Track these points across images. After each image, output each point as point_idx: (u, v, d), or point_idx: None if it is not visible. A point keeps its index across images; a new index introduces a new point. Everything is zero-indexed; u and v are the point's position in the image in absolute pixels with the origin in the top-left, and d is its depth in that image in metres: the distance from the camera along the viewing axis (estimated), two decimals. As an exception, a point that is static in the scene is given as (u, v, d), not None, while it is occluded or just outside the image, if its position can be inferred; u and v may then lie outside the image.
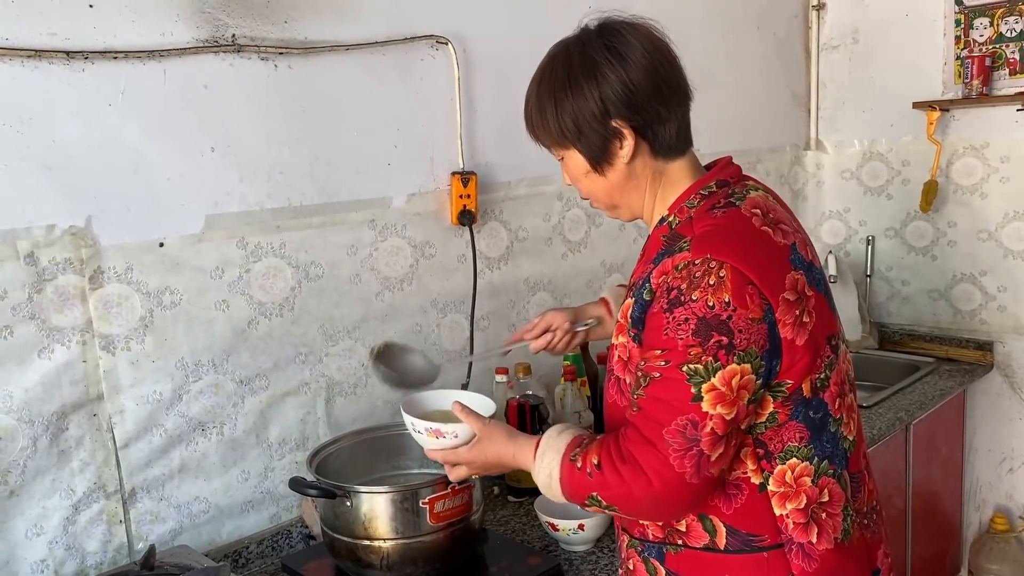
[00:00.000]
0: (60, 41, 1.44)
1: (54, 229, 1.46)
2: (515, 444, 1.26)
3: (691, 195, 1.22)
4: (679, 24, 2.55)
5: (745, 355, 1.09)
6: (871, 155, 3.02)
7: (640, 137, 1.20)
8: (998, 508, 2.92)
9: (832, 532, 1.19)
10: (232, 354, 1.69)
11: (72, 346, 1.49)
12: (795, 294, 1.13)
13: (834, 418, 1.20)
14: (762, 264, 1.12)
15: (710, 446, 1.09)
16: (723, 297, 1.08)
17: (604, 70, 1.17)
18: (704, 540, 1.19)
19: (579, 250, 2.37)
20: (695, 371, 1.08)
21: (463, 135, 2.02)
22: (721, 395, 1.08)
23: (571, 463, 1.17)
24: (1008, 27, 2.66)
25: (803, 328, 1.13)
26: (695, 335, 1.09)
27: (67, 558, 1.52)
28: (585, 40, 1.20)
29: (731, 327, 1.08)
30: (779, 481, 1.17)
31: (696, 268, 1.10)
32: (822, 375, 1.17)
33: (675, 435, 1.09)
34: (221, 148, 1.65)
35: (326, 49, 1.78)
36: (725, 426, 1.09)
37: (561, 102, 1.20)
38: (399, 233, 1.95)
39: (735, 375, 1.08)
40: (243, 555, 1.70)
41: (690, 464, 1.09)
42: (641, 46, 1.18)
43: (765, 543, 1.17)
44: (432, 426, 1.30)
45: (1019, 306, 2.77)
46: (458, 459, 1.30)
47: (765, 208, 1.20)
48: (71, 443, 1.51)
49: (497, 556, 1.63)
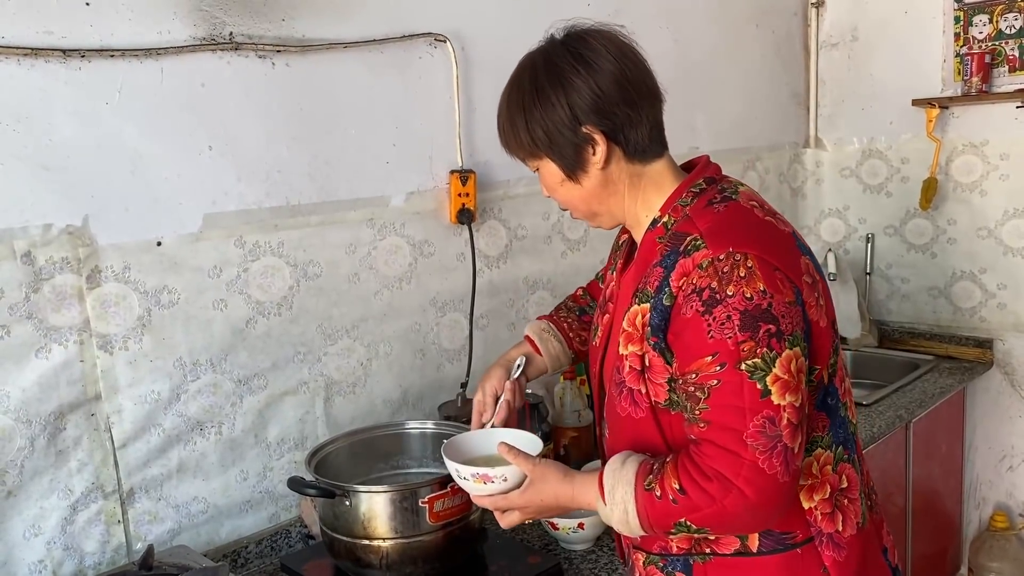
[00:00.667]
0: (57, 39, 1.44)
1: (51, 228, 1.46)
2: (573, 484, 1.19)
3: (682, 194, 1.21)
4: (678, 23, 2.58)
5: (793, 338, 1.08)
6: (870, 153, 3.02)
7: (612, 142, 1.19)
8: (998, 506, 2.91)
9: (855, 517, 1.19)
10: (230, 353, 1.69)
11: (70, 346, 1.49)
12: (811, 277, 1.15)
13: (842, 403, 1.22)
14: (780, 250, 1.12)
15: (791, 438, 1.06)
16: (758, 286, 1.07)
17: (570, 77, 1.16)
18: (735, 545, 1.17)
19: (578, 248, 2.36)
20: (755, 366, 1.06)
21: (462, 133, 2.02)
22: (785, 383, 1.06)
23: (648, 493, 1.11)
24: (1007, 24, 2.66)
25: (821, 311, 1.15)
26: (743, 330, 1.06)
27: (65, 558, 1.52)
28: (551, 49, 1.20)
29: (774, 314, 1.07)
30: (807, 474, 1.16)
31: (722, 264, 1.09)
32: (832, 360, 1.19)
33: (756, 436, 1.05)
34: (219, 147, 1.64)
35: (324, 47, 1.77)
36: (797, 414, 1.07)
37: (530, 112, 1.19)
38: (398, 232, 1.94)
39: (791, 360, 1.07)
40: (242, 555, 1.69)
41: (779, 462, 1.05)
42: (607, 51, 1.18)
43: (797, 539, 1.17)
44: (479, 471, 1.21)
45: (1019, 303, 2.77)
46: (510, 504, 1.23)
47: (759, 200, 1.22)
48: (69, 443, 1.50)
49: (497, 555, 1.63)
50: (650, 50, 2.68)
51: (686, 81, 2.62)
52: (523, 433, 1.36)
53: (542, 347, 1.53)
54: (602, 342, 1.31)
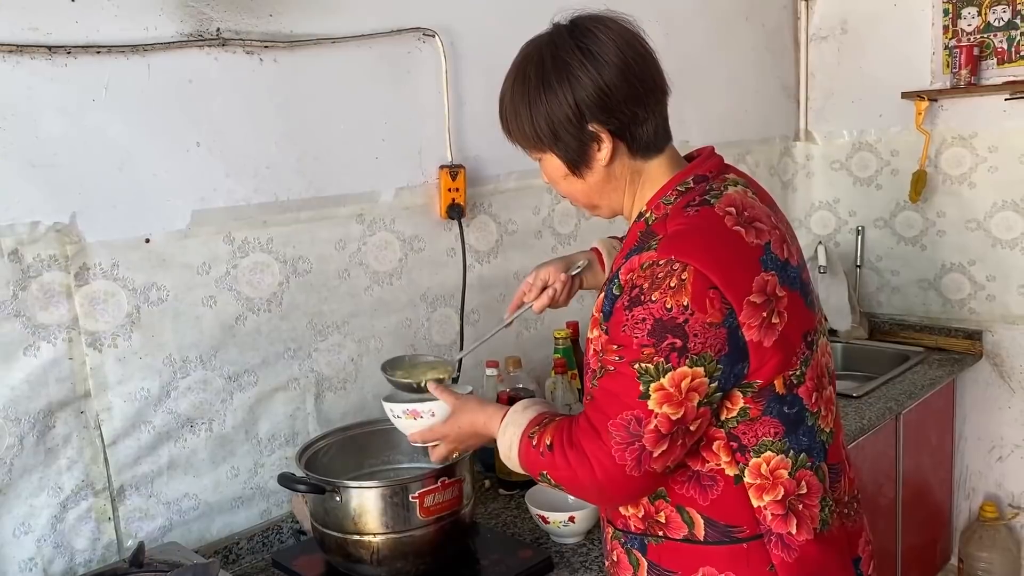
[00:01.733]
0: (42, 36, 1.43)
1: (38, 226, 1.45)
2: (485, 412, 1.31)
3: (668, 191, 1.21)
4: (668, 16, 2.58)
5: (699, 359, 1.09)
6: (860, 146, 3.03)
7: (618, 139, 1.19)
8: (988, 496, 2.93)
9: (811, 523, 1.20)
10: (220, 350, 1.68)
11: (58, 343, 1.49)
12: (763, 296, 1.12)
13: (811, 412, 1.20)
14: (728, 266, 1.11)
15: (652, 443, 1.11)
16: (682, 300, 1.08)
17: (577, 72, 1.15)
18: (683, 532, 1.21)
19: (569, 243, 2.37)
20: (645, 370, 1.10)
21: (451, 128, 2.02)
22: (668, 395, 1.10)
23: (528, 439, 1.21)
24: (996, 16, 2.67)
25: (771, 329, 1.13)
26: (649, 335, 1.10)
27: (55, 556, 1.51)
28: (557, 41, 1.18)
29: (686, 331, 1.09)
30: (755, 473, 1.18)
31: (659, 268, 1.10)
32: (797, 372, 1.17)
33: (619, 428, 1.12)
34: (207, 143, 1.64)
35: (312, 42, 1.76)
36: (670, 425, 1.10)
37: (535, 106, 1.18)
38: (388, 227, 1.94)
39: (685, 377, 1.09)
40: (233, 551, 1.69)
41: (631, 457, 1.11)
42: (614, 44, 1.16)
43: (744, 534, 1.19)
44: (409, 407, 1.33)
45: (1008, 295, 2.79)
46: (436, 436, 1.35)
47: (741, 206, 1.18)
48: (58, 441, 1.50)
49: (488, 549, 1.63)
50: (639, 44, 2.65)
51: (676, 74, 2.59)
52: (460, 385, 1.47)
53: (608, 259, 1.52)
54: None
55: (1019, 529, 2.88)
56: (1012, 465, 2.89)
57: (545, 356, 2.26)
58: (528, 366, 2.20)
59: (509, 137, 1.27)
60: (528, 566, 1.56)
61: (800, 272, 1.21)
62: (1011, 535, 2.85)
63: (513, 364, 2.02)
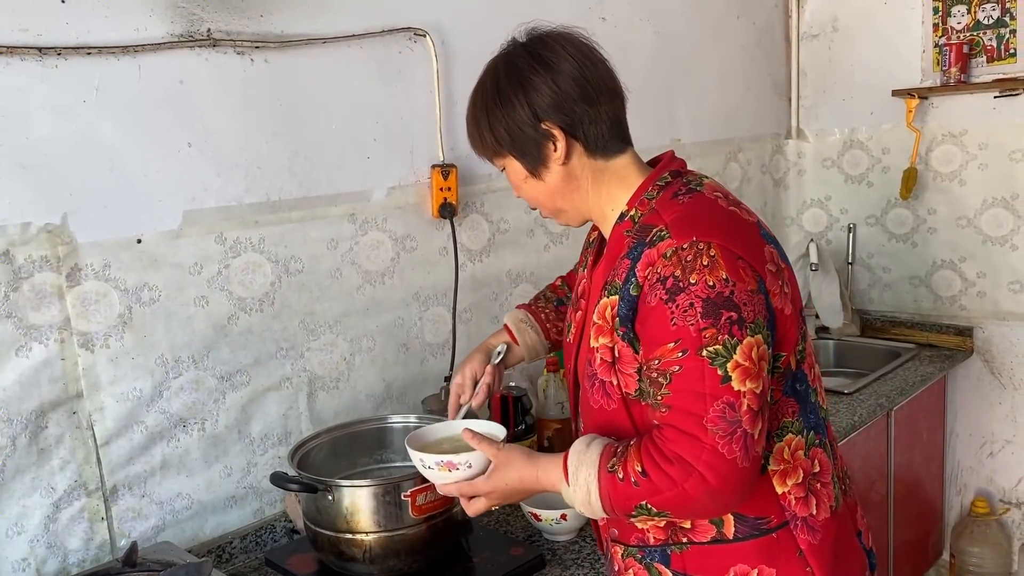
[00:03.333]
0: (32, 37, 1.43)
1: (30, 227, 1.45)
2: (538, 466, 1.20)
3: (648, 187, 1.23)
4: (660, 15, 2.58)
5: (755, 326, 1.09)
6: (851, 143, 3.04)
7: (571, 137, 1.21)
8: (979, 491, 2.95)
9: (828, 501, 1.21)
10: (212, 350, 1.69)
11: (50, 344, 1.49)
12: (775, 265, 1.16)
13: (812, 388, 1.23)
14: (743, 239, 1.14)
15: (751, 424, 1.07)
16: (720, 275, 1.08)
17: (530, 76, 1.19)
18: (711, 533, 1.19)
19: (561, 241, 2.37)
20: (716, 352, 1.07)
21: (443, 127, 2.02)
22: (746, 370, 1.07)
23: (611, 475, 1.12)
24: (985, 14, 2.68)
25: (786, 298, 1.16)
26: (704, 317, 1.07)
27: (48, 556, 1.52)
28: (512, 52, 1.24)
29: (736, 302, 1.08)
30: (778, 459, 1.18)
31: (686, 252, 1.10)
32: (800, 346, 1.20)
33: (716, 421, 1.06)
34: (198, 143, 1.64)
35: (303, 43, 1.77)
36: (758, 400, 1.08)
37: (492, 113, 1.22)
38: (380, 227, 1.95)
39: (752, 347, 1.08)
40: (226, 550, 1.70)
41: (738, 447, 1.06)
42: (566, 52, 1.21)
43: (772, 524, 1.18)
44: (443, 459, 1.22)
45: (998, 292, 2.80)
46: (476, 491, 1.24)
47: (723, 192, 1.23)
48: (51, 441, 1.50)
49: (480, 547, 1.64)
50: (631, 42, 2.70)
51: (667, 73, 2.63)
52: (486, 422, 1.37)
53: (519, 337, 1.56)
54: (575, 339, 1.32)
55: (1010, 524, 2.90)
56: (1003, 461, 2.90)
57: (538, 354, 2.27)
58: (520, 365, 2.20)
59: (475, 150, 1.30)
60: (520, 563, 1.57)
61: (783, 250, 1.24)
62: (1002, 530, 2.87)
63: (505, 362, 2.03)
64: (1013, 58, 2.65)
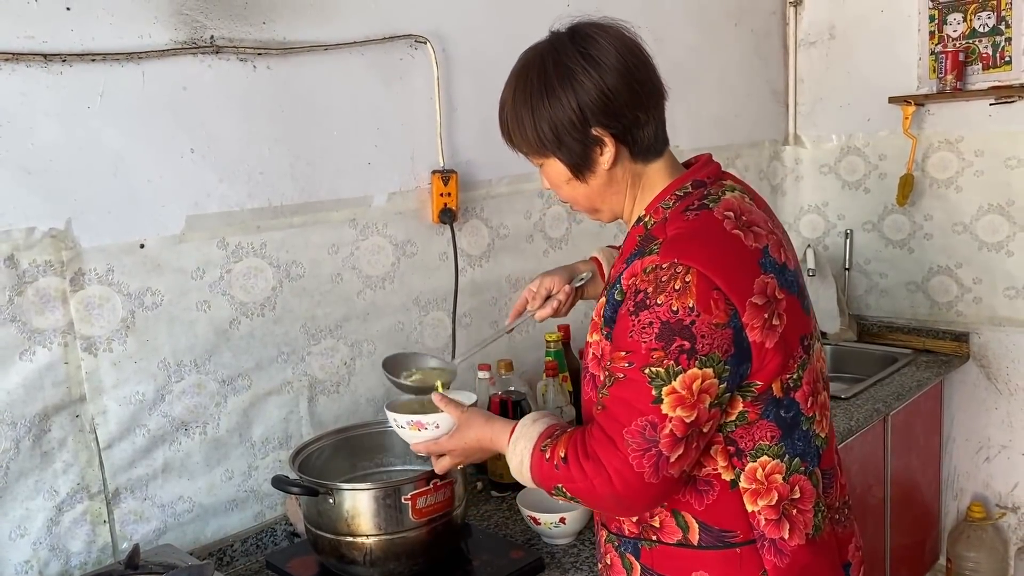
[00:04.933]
0: (38, 44, 1.45)
1: (34, 232, 1.47)
2: (492, 428, 1.29)
3: (667, 196, 1.23)
4: (658, 21, 2.60)
5: (707, 360, 1.09)
6: (848, 149, 3.06)
7: (620, 143, 1.20)
8: (975, 496, 2.96)
9: (804, 528, 1.21)
10: (214, 354, 1.70)
11: (54, 348, 1.50)
12: (764, 298, 1.13)
13: (806, 416, 1.22)
14: (730, 269, 1.12)
15: (669, 447, 1.10)
16: (687, 302, 1.09)
17: (580, 77, 1.16)
18: (677, 536, 1.21)
19: (560, 247, 2.39)
20: (656, 374, 1.10)
21: (443, 133, 2.04)
22: (681, 398, 1.09)
23: (540, 453, 1.19)
24: (981, 22, 2.70)
25: (773, 331, 1.14)
26: (658, 339, 1.10)
27: (51, 559, 1.53)
28: (558, 46, 1.19)
29: (693, 332, 1.09)
30: (750, 478, 1.19)
31: (663, 272, 1.11)
32: (794, 375, 1.19)
33: (635, 435, 1.10)
34: (201, 149, 1.65)
35: (305, 49, 1.78)
36: (684, 428, 1.10)
37: (538, 111, 1.19)
38: (380, 232, 1.96)
39: (696, 379, 1.09)
40: (227, 553, 1.71)
41: (648, 464, 1.10)
42: (615, 49, 1.18)
43: (737, 539, 1.20)
44: (413, 418, 1.33)
45: (994, 297, 2.82)
46: (441, 449, 1.34)
47: (739, 210, 1.19)
48: (54, 444, 1.51)
49: (480, 550, 1.65)
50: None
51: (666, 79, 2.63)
52: (461, 391, 1.45)
53: (607, 269, 1.53)
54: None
55: (1006, 529, 2.91)
56: (999, 466, 2.92)
57: (537, 359, 2.28)
58: (519, 369, 2.21)
59: (510, 144, 1.27)
60: (519, 567, 1.58)
61: (796, 276, 1.23)
62: (998, 535, 2.88)
63: (505, 367, 2.04)
64: (1008, 66, 2.68)
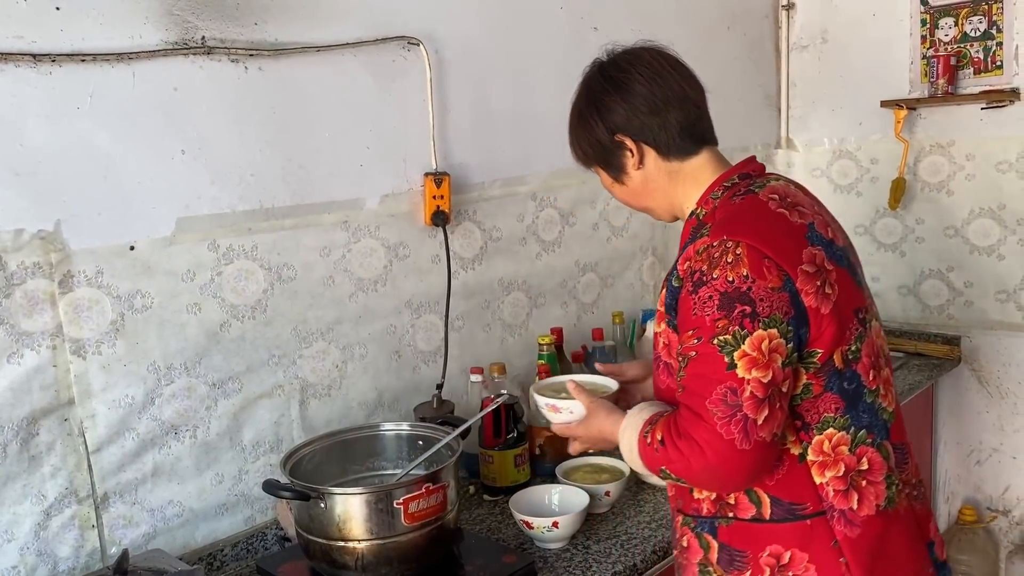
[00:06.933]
0: (27, 44, 1.44)
1: (22, 233, 1.45)
2: (610, 420, 1.37)
3: (716, 188, 1.35)
4: (650, 26, 2.60)
5: (770, 321, 1.17)
6: (840, 153, 3.06)
7: (644, 144, 1.36)
8: (967, 500, 2.97)
9: (875, 499, 1.26)
10: (204, 357, 1.69)
11: (42, 351, 1.49)
12: (814, 267, 1.22)
13: (869, 389, 1.28)
14: (777, 240, 1.22)
15: (753, 409, 1.15)
16: (741, 271, 1.18)
17: (604, 98, 1.36)
18: (751, 512, 1.28)
19: (553, 250, 2.38)
20: (725, 342, 1.17)
21: (436, 136, 2.03)
22: (753, 360, 1.16)
23: (643, 439, 1.27)
24: (972, 27, 2.71)
25: (827, 298, 1.22)
26: (719, 308, 1.18)
27: (39, 564, 1.51)
28: (590, 76, 1.41)
29: (752, 297, 1.17)
30: (817, 450, 1.25)
31: (715, 250, 1.21)
32: (853, 347, 1.25)
33: (718, 404, 1.17)
34: (192, 150, 1.64)
35: (297, 51, 1.77)
36: (764, 389, 1.16)
37: (577, 133, 1.42)
38: (372, 234, 1.95)
39: (763, 340, 1.17)
40: (218, 558, 1.70)
41: (737, 430, 1.15)
42: (636, 71, 1.35)
43: (808, 511, 1.25)
44: (550, 402, 1.46)
45: (985, 301, 2.82)
46: (572, 433, 1.44)
47: (783, 193, 1.31)
48: (42, 448, 1.50)
49: (472, 555, 1.64)
50: (622, 53, 2.65)
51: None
52: (599, 377, 1.56)
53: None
54: None
55: (997, 532, 2.92)
56: (990, 469, 2.92)
57: (529, 362, 2.27)
58: (512, 372, 2.21)
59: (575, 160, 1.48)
60: (512, 571, 1.57)
61: (847, 253, 1.32)
62: (990, 538, 2.89)
63: (497, 370, 2.03)
64: (999, 70, 2.68)
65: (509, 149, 2.24)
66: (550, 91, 2.28)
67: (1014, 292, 2.77)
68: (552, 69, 2.28)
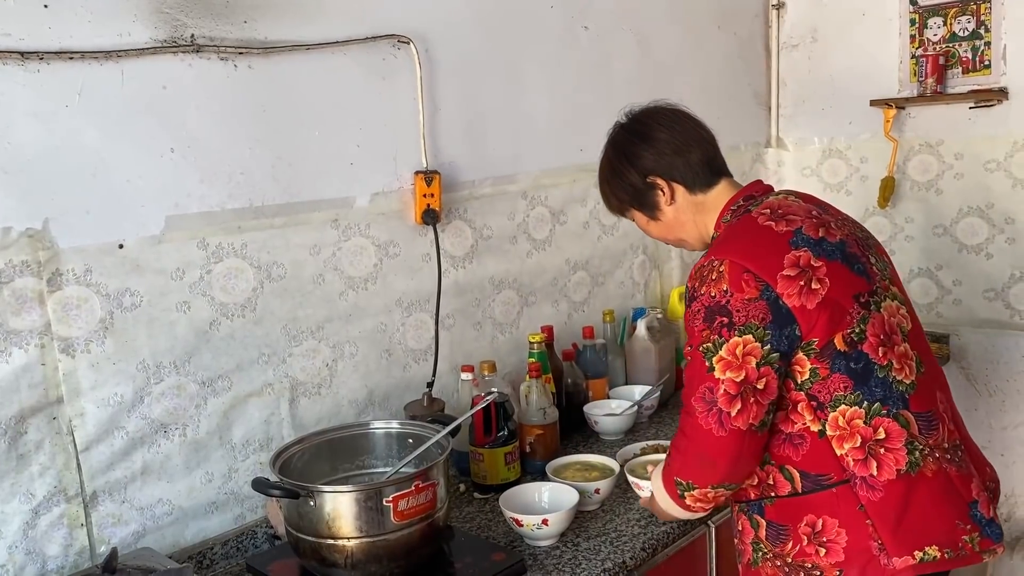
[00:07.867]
0: (14, 42, 1.43)
1: (10, 232, 1.45)
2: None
3: (726, 212, 1.54)
4: (641, 25, 2.61)
5: (745, 328, 1.35)
6: (830, 152, 3.08)
7: (672, 182, 1.55)
8: (955, 497, 2.97)
9: (894, 464, 1.37)
10: (194, 355, 1.69)
11: (30, 349, 1.48)
12: (797, 268, 1.37)
13: (880, 365, 1.39)
14: (758, 253, 1.39)
15: (726, 403, 1.35)
16: (722, 287, 1.37)
17: (634, 150, 1.57)
18: (787, 488, 1.43)
19: (544, 248, 2.39)
20: (707, 348, 1.37)
21: (426, 134, 2.03)
22: (728, 363, 1.35)
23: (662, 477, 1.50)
24: (961, 27, 2.72)
25: (813, 294, 1.36)
26: (704, 320, 1.39)
27: (27, 562, 1.51)
28: (615, 135, 1.62)
29: (729, 309, 1.36)
30: (834, 426, 1.39)
31: (705, 269, 1.41)
32: (855, 330, 1.38)
33: (699, 401, 1.38)
34: (181, 149, 1.64)
35: (287, 49, 1.77)
36: (736, 387, 1.35)
37: (612, 183, 1.62)
38: (363, 233, 1.95)
39: (737, 345, 1.35)
40: (207, 556, 1.69)
41: (714, 421, 1.36)
42: (657, 123, 1.56)
43: (832, 480, 1.39)
44: (636, 481, 1.79)
45: (974, 299, 2.84)
46: (648, 507, 1.62)
47: (775, 207, 1.46)
48: (30, 447, 1.49)
49: (462, 552, 1.65)
50: (613, 51, 2.71)
51: (649, 82, 2.65)
52: None
53: None
54: None
55: (985, 529, 2.93)
56: (978, 466, 2.93)
57: (519, 360, 2.28)
58: (503, 370, 2.22)
59: (609, 210, 1.68)
60: (501, 568, 1.58)
61: (843, 246, 1.43)
62: (978, 535, 2.90)
63: (488, 368, 2.04)
64: (988, 70, 2.70)
65: (500, 148, 2.24)
66: (541, 90, 2.29)
67: (1002, 290, 2.79)
68: (543, 68, 2.29)
